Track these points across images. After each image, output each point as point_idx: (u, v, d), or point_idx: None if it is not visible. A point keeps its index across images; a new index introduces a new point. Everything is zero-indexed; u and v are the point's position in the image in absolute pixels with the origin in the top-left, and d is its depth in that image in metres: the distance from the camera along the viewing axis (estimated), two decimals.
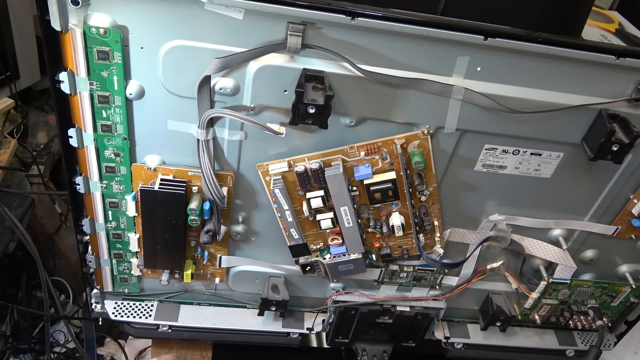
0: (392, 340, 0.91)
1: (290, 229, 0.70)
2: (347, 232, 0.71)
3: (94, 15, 0.55)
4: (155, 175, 0.67)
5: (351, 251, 0.73)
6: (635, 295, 0.88)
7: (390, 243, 0.76)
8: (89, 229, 0.73)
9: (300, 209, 0.70)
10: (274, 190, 0.66)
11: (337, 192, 0.66)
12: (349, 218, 0.69)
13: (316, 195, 0.67)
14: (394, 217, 0.71)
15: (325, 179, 0.65)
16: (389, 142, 0.65)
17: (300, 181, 0.66)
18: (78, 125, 0.62)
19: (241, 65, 0.59)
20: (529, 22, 0.66)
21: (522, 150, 0.69)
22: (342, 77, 0.60)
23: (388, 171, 0.67)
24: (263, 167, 0.67)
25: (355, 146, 0.65)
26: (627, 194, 0.75)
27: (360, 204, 0.71)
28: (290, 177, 0.67)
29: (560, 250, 0.79)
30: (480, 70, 0.61)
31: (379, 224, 0.72)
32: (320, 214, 0.70)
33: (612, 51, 0.60)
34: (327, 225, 0.70)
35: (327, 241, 0.74)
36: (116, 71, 0.58)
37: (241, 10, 0.55)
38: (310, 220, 0.71)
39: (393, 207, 0.71)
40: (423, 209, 0.72)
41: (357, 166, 0.66)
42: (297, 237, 0.71)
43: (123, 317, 0.84)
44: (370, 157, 0.66)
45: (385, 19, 0.56)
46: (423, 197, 0.71)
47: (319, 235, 0.73)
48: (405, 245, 0.76)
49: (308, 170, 0.65)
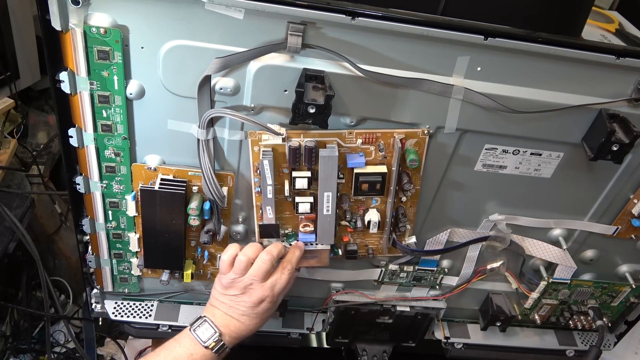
0: (392, 340, 0.91)
1: (267, 206, 0.67)
2: (323, 220, 0.69)
3: (94, 15, 0.55)
4: (155, 175, 0.68)
5: (321, 241, 0.72)
6: (635, 295, 0.88)
7: (357, 240, 0.75)
8: (89, 228, 0.73)
9: (280, 187, 0.67)
10: (263, 161, 0.63)
11: (326, 175, 0.64)
12: (330, 205, 0.67)
13: (302, 176, 0.65)
14: (371, 213, 0.71)
15: (317, 159, 0.63)
16: (388, 135, 0.65)
17: (291, 157, 0.63)
18: (78, 125, 0.62)
19: (241, 65, 0.59)
20: (529, 22, 0.66)
21: (522, 150, 0.69)
22: (342, 77, 0.59)
23: (379, 164, 0.67)
24: (255, 135, 0.63)
25: (354, 132, 0.64)
26: (627, 194, 0.75)
27: (342, 194, 0.69)
28: (280, 152, 0.64)
29: (560, 250, 0.79)
30: (481, 70, 0.61)
31: (355, 218, 0.71)
32: (300, 196, 0.68)
33: (612, 51, 0.60)
34: (304, 209, 0.68)
35: (297, 227, 0.72)
36: (116, 71, 0.58)
37: (241, 10, 0.55)
38: (288, 201, 0.69)
39: (373, 202, 0.71)
40: (401, 209, 0.72)
41: (351, 153, 0.65)
42: (271, 217, 0.68)
43: (123, 317, 0.84)
44: (366, 146, 0.65)
45: (386, 19, 0.56)
46: (404, 197, 0.70)
47: (290, 219, 0.71)
48: (372, 245, 0.76)
49: (302, 147, 0.63)
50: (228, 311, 0.68)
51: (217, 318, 0.67)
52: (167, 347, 0.66)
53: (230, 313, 0.68)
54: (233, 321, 0.68)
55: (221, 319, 0.67)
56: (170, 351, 0.65)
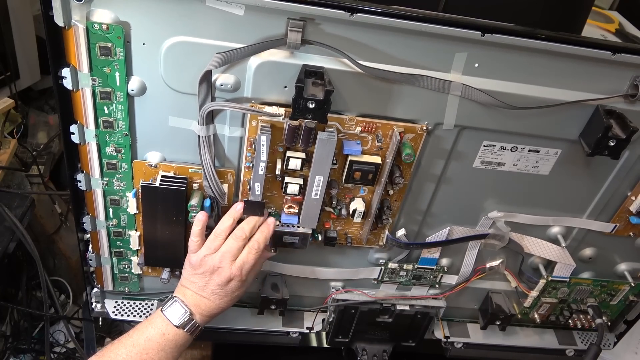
0: (392, 340, 0.91)
1: (256, 183, 0.65)
2: (310, 204, 0.68)
3: (96, 11, 0.55)
4: (156, 172, 0.68)
5: (303, 224, 0.72)
6: (635, 294, 0.88)
7: (338, 227, 0.75)
8: (90, 226, 0.73)
9: (271, 165, 0.66)
10: (261, 137, 0.61)
11: (321, 158, 0.64)
12: (319, 190, 0.67)
13: (297, 156, 0.65)
14: (357, 202, 0.71)
15: (314, 141, 0.63)
16: (388, 126, 0.65)
17: (289, 136, 0.62)
18: (80, 121, 0.63)
19: (242, 61, 0.59)
20: (529, 21, 0.67)
21: (520, 147, 0.69)
22: (341, 73, 0.60)
23: (374, 155, 0.67)
24: (255, 107, 0.62)
25: (355, 119, 0.64)
26: (625, 191, 0.75)
27: (332, 179, 0.70)
28: (277, 128, 0.64)
29: (559, 248, 0.80)
30: (478, 66, 0.61)
31: (340, 206, 0.72)
32: (290, 177, 0.68)
33: (608, 47, 0.61)
34: (292, 190, 0.67)
35: (281, 207, 0.72)
36: (118, 67, 0.59)
37: (242, 6, 0.56)
38: (277, 180, 0.68)
39: (361, 191, 0.71)
40: (387, 202, 0.72)
41: (349, 140, 0.66)
42: (258, 194, 0.67)
43: (123, 316, 0.84)
44: (364, 135, 0.66)
45: (384, 15, 0.57)
46: (392, 191, 0.71)
47: (275, 199, 0.71)
48: (352, 234, 0.76)
49: (302, 127, 0.63)
50: (198, 290, 0.68)
51: (188, 297, 0.68)
52: (139, 328, 0.66)
53: (200, 292, 0.68)
54: (204, 300, 0.68)
55: (191, 299, 0.68)
56: (143, 332, 0.65)
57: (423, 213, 0.76)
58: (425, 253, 0.81)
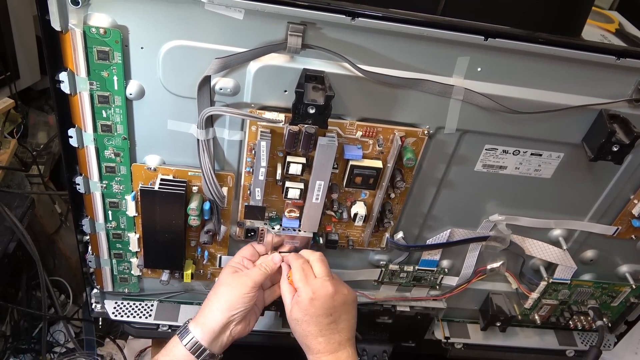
0: (392, 341, 0.91)
1: (257, 188, 0.65)
2: (311, 208, 0.68)
3: (94, 15, 0.55)
4: (155, 175, 0.67)
5: (304, 228, 0.72)
6: (635, 296, 0.88)
7: (339, 230, 0.75)
8: (89, 228, 0.73)
9: (272, 170, 0.67)
10: (261, 142, 0.61)
11: (322, 163, 0.63)
12: (320, 194, 0.66)
13: (297, 162, 0.64)
14: (359, 205, 0.71)
15: (314, 146, 0.63)
16: (389, 131, 0.64)
17: (289, 141, 0.62)
18: (78, 125, 0.62)
19: (241, 65, 0.59)
20: (529, 22, 0.66)
21: (522, 150, 0.69)
22: (342, 78, 0.59)
23: (375, 159, 0.67)
24: (255, 113, 0.61)
25: (355, 124, 0.64)
26: (628, 195, 0.75)
27: (333, 184, 0.69)
28: (277, 134, 0.63)
29: (561, 250, 0.79)
30: (481, 70, 0.61)
31: (342, 210, 0.71)
32: (291, 182, 0.67)
33: (613, 52, 0.60)
34: (293, 195, 0.67)
35: (281, 211, 0.72)
36: (116, 71, 0.58)
37: (241, 10, 0.55)
38: (278, 185, 0.68)
39: (362, 195, 0.71)
40: (388, 205, 0.72)
41: (349, 145, 0.65)
42: (259, 199, 0.67)
43: (123, 317, 0.84)
44: (365, 139, 0.65)
45: (385, 19, 0.56)
46: (393, 194, 0.70)
47: (276, 203, 0.71)
48: (353, 237, 0.76)
49: (302, 133, 0.62)
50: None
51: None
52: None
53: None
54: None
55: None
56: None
57: (424, 216, 0.76)
58: (425, 255, 0.80)
